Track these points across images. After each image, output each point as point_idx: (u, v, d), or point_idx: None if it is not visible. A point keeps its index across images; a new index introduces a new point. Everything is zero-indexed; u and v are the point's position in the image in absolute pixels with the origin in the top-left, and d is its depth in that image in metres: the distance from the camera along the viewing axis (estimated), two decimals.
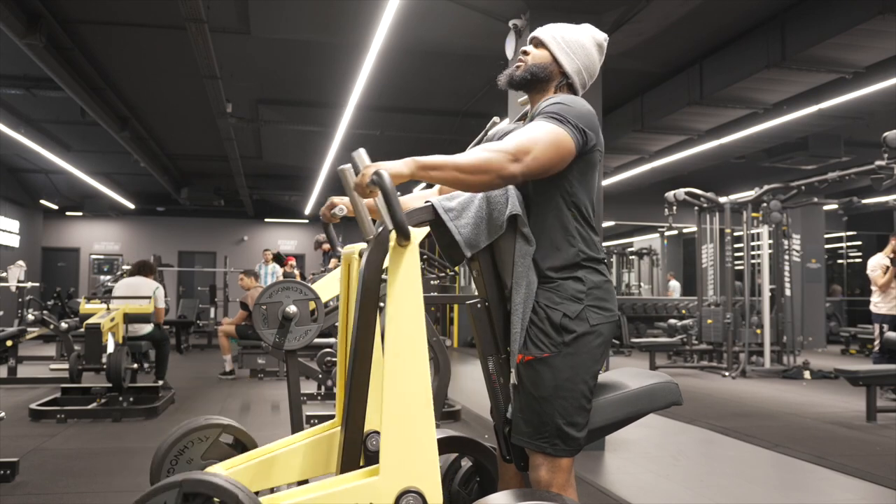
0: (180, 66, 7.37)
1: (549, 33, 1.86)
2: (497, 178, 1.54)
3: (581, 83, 1.88)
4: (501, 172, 1.53)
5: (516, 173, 1.55)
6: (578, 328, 1.67)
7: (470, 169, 1.51)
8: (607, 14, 4.92)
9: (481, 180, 1.53)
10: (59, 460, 3.90)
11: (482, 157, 1.52)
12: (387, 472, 1.42)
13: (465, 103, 8.28)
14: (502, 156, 1.54)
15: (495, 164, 1.53)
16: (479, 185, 1.55)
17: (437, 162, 1.49)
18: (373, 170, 1.43)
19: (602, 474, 3.78)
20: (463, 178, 1.51)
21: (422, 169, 1.49)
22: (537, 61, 1.85)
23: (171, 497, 1.19)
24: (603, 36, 1.91)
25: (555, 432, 1.64)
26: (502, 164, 1.53)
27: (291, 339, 2.76)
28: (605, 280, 1.75)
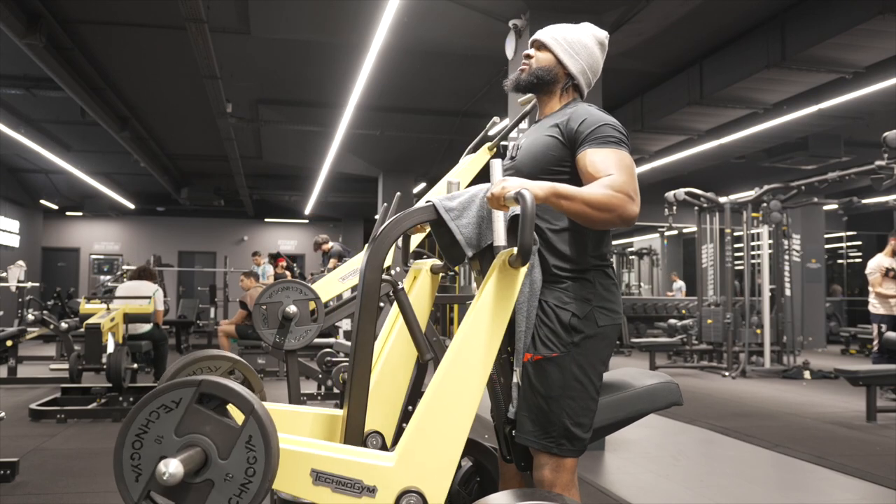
0: (180, 66, 7.37)
1: (550, 35, 1.87)
2: (618, 218, 1.56)
3: (586, 82, 1.89)
4: (623, 213, 1.56)
5: (636, 214, 1.59)
6: (587, 329, 1.68)
7: (598, 205, 1.54)
8: (607, 14, 4.92)
9: (605, 218, 1.56)
10: (59, 460, 3.90)
11: (608, 196, 1.55)
12: (401, 463, 1.40)
13: (465, 103, 8.28)
14: (624, 198, 1.56)
15: (619, 206, 1.55)
16: (601, 223, 1.58)
17: (570, 193, 1.53)
18: (512, 187, 1.45)
19: (602, 474, 3.78)
20: (590, 214, 1.54)
21: (556, 196, 1.52)
22: (542, 64, 1.86)
23: (188, 394, 1.19)
24: (604, 34, 1.91)
25: (562, 432, 1.65)
26: (626, 206, 1.56)
27: (291, 339, 2.75)
28: (613, 283, 1.77)
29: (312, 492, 1.35)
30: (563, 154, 1.75)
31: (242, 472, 1.18)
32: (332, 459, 1.37)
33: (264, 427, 1.19)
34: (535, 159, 1.79)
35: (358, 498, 1.36)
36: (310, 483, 1.35)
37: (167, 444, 1.18)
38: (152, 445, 1.18)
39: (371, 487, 1.37)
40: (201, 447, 1.18)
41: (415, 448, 1.41)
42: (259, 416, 1.19)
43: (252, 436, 1.19)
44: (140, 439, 1.18)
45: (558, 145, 1.75)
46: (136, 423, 1.19)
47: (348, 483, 1.36)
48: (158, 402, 1.19)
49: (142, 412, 1.19)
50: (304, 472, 1.35)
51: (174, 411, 1.19)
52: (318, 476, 1.35)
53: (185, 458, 1.14)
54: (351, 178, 12.85)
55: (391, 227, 1.60)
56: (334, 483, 1.36)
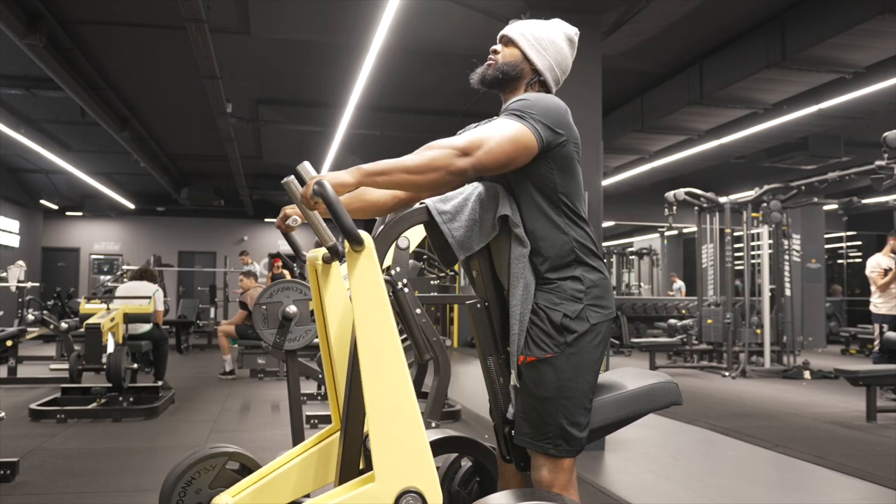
0: (180, 66, 7.37)
1: (518, 30, 1.85)
2: (446, 174, 1.53)
3: (554, 79, 1.86)
4: (449, 168, 1.53)
5: (465, 167, 1.55)
6: (579, 328, 1.67)
7: (417, 169, 1.51)
8: (607, 14, 4.91)
9: (430, 178, 1.53)
10: (59, 460, 3.90)
11: (428, 156, 1.53)
12: (382, 477, 1.43)
13: (465, 103, 8.28)
14: (449, 151, 1.54)
15: (442, 161, 1.53)
16: (428, 184, 1.55)
17: (382, 167, 1.49)
18: (316, 181, 1.42)
19: (602, 474, 3.78)
20: (412, 179, 1.51)
21: (367, 176, 1.48)
22: (507, 59, 1.84)
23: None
24: (573, 30, 1.89)
25: (558, 433, 1.64)
26: (449, 160, 1.53)
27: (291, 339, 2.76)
28: (603, 277, 1.75)
29: None
30: None
31: None
32: None
33: None
34: None
35: None
36: None
37: None
38: None
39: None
40: None
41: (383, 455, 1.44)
42: None
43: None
44: None
45: None
46: None
47: None
48: None
49: None
50: None
51: None
52: None
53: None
54: None
55: (390, 228, 1.61)
56: None
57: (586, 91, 4.28)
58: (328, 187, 1.40)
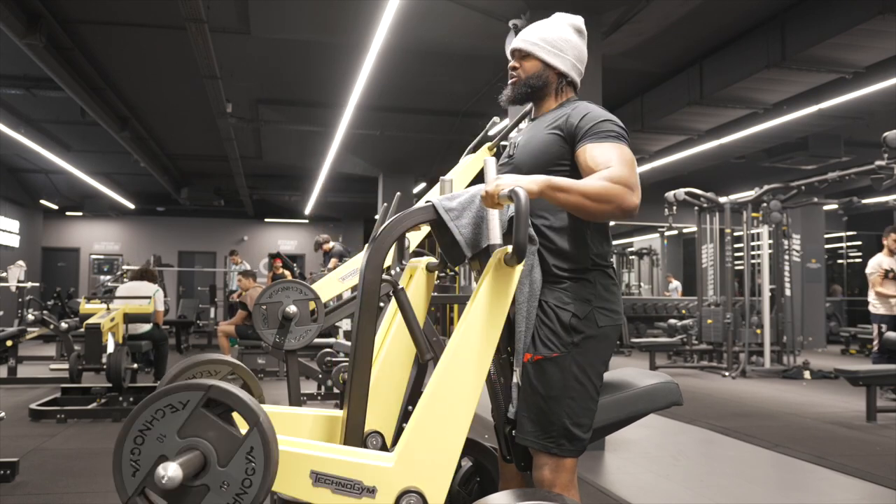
0: (180, 66, 7.37)
1: (530, 40, 1.86)
2: (618, 209, 1.55)
3: (578, 74, 1.89)
4: (623, 204, 1.55)
5: (635, 206, 1.57)
6: (587, 329, 1.68)
7: (596, 197, 1.53)
8: (607, 14, 4.91)
9: (604, 210, 1.55)
10: (59, 460, 3.90)
11: (606, 187, 1.54)
12: (401, 463, 1.40)
13: (465, 103, 8.28)
14: (623, 189, 1.55)
15: (618, 196, 1.55)
16: (600, 215, 1.57)
17: (566, 185, 1.52)
18: (506, 184, 1.45)
19: (602, 474, 3.78)
20: (587, 206, 1.54)
21: (551, 189, 1.51)
22: (530, 72, 1.85)
23: (196, 397, 1.19)
24: (579, 19, 1.90)
25: (562, 432, 1.64)
26: (625, 197, 1.55)
27: (291, 339, 2.75)
28: (613, 283, 1.77)
29: (312, 493, 1.35)
30: (564, 151, 1.75)
31: (239, 481, 1.18)
32: (331, 460, 1.37)
33: (267, 440, 1.19)
34: (534, 157, 1.79)
35: (358, 499, 1.36)
36: (310, 484, 1.35)
37: (169, 443, 1.18)
38: (154, 443, 1.19)
39: (371, 488, 1.37)
40: (202, 452, 1.18)
41: (414, 448, 1.41)
42: (263, 428, 1.19)
43: (254, 447, 1.19)
44: (143, 435, 1.19)
45: (558, 142, 1.75)
46: (140, 419, 1.19)
47: (348, 484, 1.36)
48: (166, 401, 1.19)
49: (148, 409, 1.19)
50: (303, 474, 1.35)
51: (180, 412, 1.19)
52: (318, 477, 1.35)
53: (185, 461, 1.14)
54: (351, 178, 12.85)
55: (391, 227, 1.60)
56: (334, 484, 1.36)
57: (586, 91, 4.25)
58: (524, 197, 1.39)
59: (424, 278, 2.09)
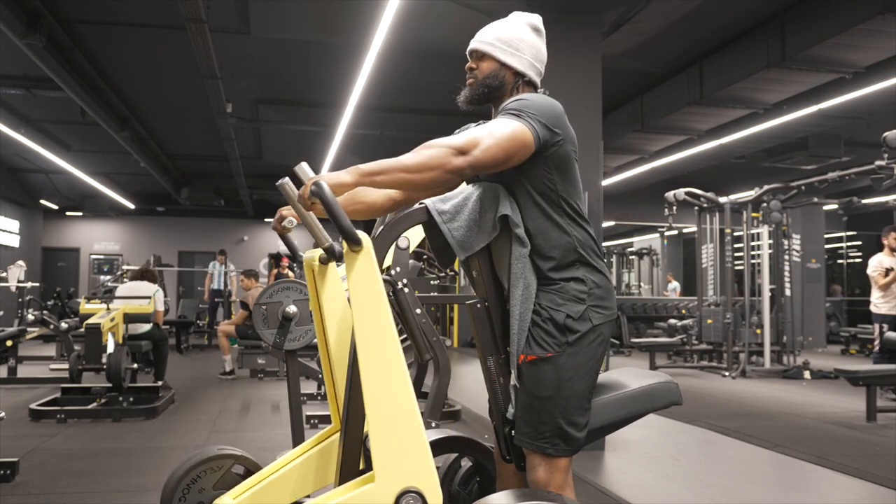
0: (180, 66, 7.37)
1: (486, 40, 1.84)
2: (443, 172, 1.53)
3: (537, 74, 1.85)
4: (446, 166, 1.53)
5: (463, 165, 1.55)
6: (582, 328, 1.67)
7: (414, 168, 1.50)
8: (607, 14, 4.91)
9: (428, 177, 1.52)
10: (59, 460, 3.90)
11: (425, 154, 1.52)
12: (382, 477, 1.43)
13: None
14: (446, 150, 1.54)
15: (439, 159, 1.52)
16: (426, 183, 1.54)
17: (380, 167, 1.49)
18: (313, 181, 1.42)
19: (602, 474, 3.78)
20: (410, 178, 1.51)
21: (365, 175, 1.48)
22: (486, 72, 1.83)
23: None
24: (536, 17, 1.87)
25: (556, 432, 1.64)
26: (447, 158, 1.53)
27: (291, 339, 2.76)
28: (605, 278, 1.75)
29: None
30: None
31: None
32: None
33: None
34: None
35: None
36: None
37: None
38: None
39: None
40: None
41: (383, 455, 1.44)
42: None
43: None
44: None
45: None
46: None
47: None
48: None
49: None
50: None
51: None
52: None
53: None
54: None
55: (390, 228, 1.61)
56: None
57: (586, 91, 4.29)
58: (325, 187, 1.39)
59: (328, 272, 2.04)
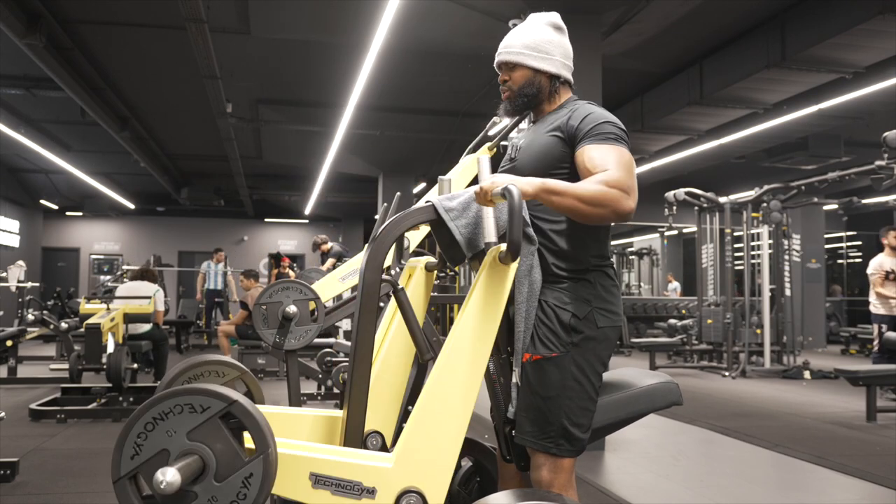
0: (180, 66, 7.36)
1: (513, 50, 1.85)
2: (612, 213, 1.55)
3: (569, 72, 1.88)
4: (618, 209, 1.55)
5: (630, 210, 1.57)
6: (586, 329, 1.68)
7: (590, 201, 1.53)
8: (607, 14, 4.91)
9: (599, 213, 1.55)
10: (59, 460, 3.90)
11: (601, 191, 1.54)
12: (400, 463, 1.40)
13: (465, 103, 8.27)
14: (619, 193, 1.55)
15: (613, 200, 1.54)
16: (595, 218, 1.57)
17: (560, 188, 1.52)
18: (501, 182, 1.45)
19: (602, 474, 3.78)
20: (582, 209, 1.53)
21: (546, 192, 1.51)
22: (521, 82, 1.84)
23: (217, 406, 1.20)
24: (554, 16, 1.88)
25: (560, 432, 1.64)
26: (620, 201, 1.55)
27: (291, 339, 2.75)
28: (613, 284, 1.77)
29: (312, 495, 1.35)
30: (564, 154, 1.74)
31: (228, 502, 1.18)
32: (331, 462, 1.37)
33: (268, 472, 1.20)
34: (536, 159, 1.78)
35: (358, 500, 1.36)
36: (309, 486, 1.35)
37: (176, 440, 1.20)
38: (162, 435, 1.20)
39: (370, 489, 1.37)
40: (203, 460, 1.19)
41: (413, 448, 1.41)
42: (269, 460, 1.20)
43: (253, 474, 1.19)
44: (154, 424, 1.20)
45: (559, 144, 1.75)
46: (157, 408, 1.20)
47: (348, 485, 1.37)
48: (187, 399, 1.20)
49: (168, 401, 1.20)
50: (303, 476, 1.35)
51: (196, 415, 1.20)
52: (318, 479, 1.36)
53: (184, 466, 1.14)
54: (351, 178, 12.84)
55: (391, 227, 1.60)
56: (334, 486, 1.36)
57: (586, 91, 4.25)
58: (517, 195, 1.39)
59: (423, 278, 2.09)
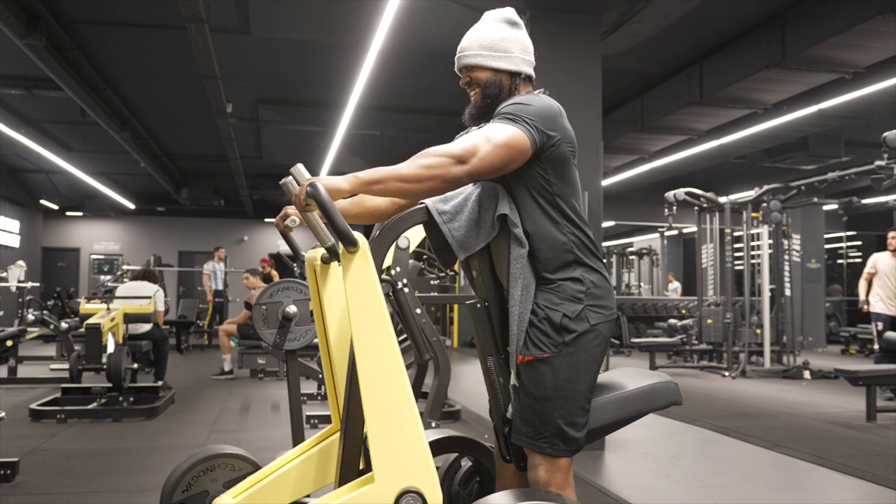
0: (180, 66, 7.37)
1: (471, 53, 1.83)
2: (441, 182, 1.55)
3: (529, 66, 1.84)
4: (445, 176, 1.54)
5: (461, 175, 1.56)
6: (579, 328, 1.67)
7: (413, 178, 1.52)
8: (607, 14, 4.90)
9: (426, 187, 1.54)
10: (59, 460, 3.90)
11: (424, 164, 1.54)
12: (381, 478, 1.43)
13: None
14: (445, 160, 1.55)
15: (438, 169, 1.54)
16: (424, 193, 1.57)
17: (377, 176, 1.50)
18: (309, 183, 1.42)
19: (602, 474, 3.78)
20: (408, 188, 1.53)
21: (363, 184, 1.49)
22: (483, 83, 1.82)
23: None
24: (508, 11, 1.86)
25: (555, 432, 1.64)
26: (445, 168, 1.54)
27: (291, 339, 2.76)
28: (603, 278, 1.74)
29: None
30: None
31: None
32: None
33: None
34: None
35: None
36: None
37: None
38: None
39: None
40: None
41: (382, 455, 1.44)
42: None
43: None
44: None
45: None
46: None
47: None
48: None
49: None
50: None
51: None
52: None
53: None
54: None
55: (389, 228, 1.61)
56: None
57: (586, 91, 4.29)
58: (321, 188, 1.40)
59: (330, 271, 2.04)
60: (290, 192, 1.60)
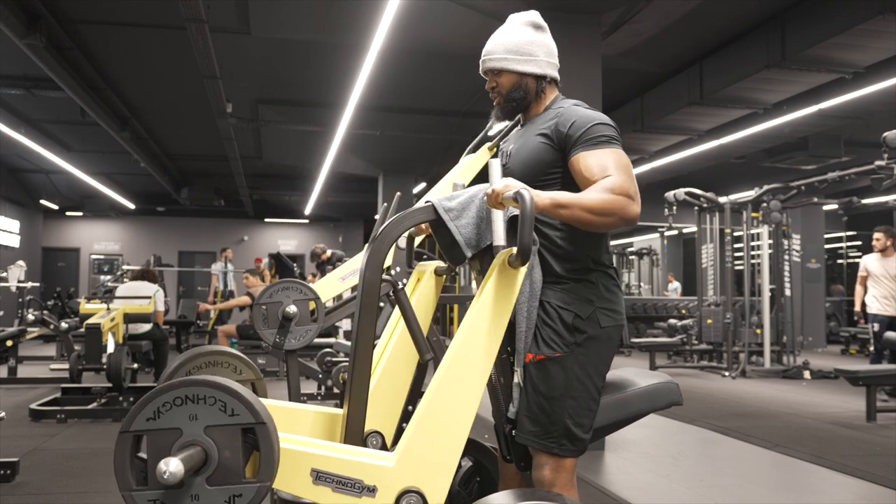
0: (180, 66, 7.36)
1: (497, 57, 1.84)
2: (620, 220, 1.58)
3: (554, 69, 1.87)
4: (625, 215, 1.57)
5: (637, 214, 1.60)
6: (590, 329, 1.69)
7: (598, 210, 1.55)
8: (607, 14, 4.90)
9: (607, 222, 1.57)
10: (59, 460, 3.90)
11: (607, 200, 1.56)
12: (401, 463, 1.40)
13: (465, 103, 8.27)
14: (624, 199, 1.57)
15: (620, 208, 1.57)
16: (603, 227, 1.60)
17: (567, 201, 1.54)
18: (514, 186, 1.47)
19: (602, 474, 3.78)
20: (590, 219, 1.56)
21: (555, 206, 1.54)
22: (508, 87, 1.83)
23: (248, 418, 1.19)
24: (533, 14, 1.88)
25: (563, 432, 1.65)
26: (626, 207, 1.57)
27: (291, 339, 2.75)
28: (615, 283, 1.78)
29: (313, 491, 1.35)
30: (555, 158, 1.74)
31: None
32: (332, 459, 1.37)
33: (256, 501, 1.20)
34: (527, 165, 1.79)
35: (358, 498, 1.36)
36: (310, 483, 1.35)
37: (192, 427, 1.19)
38: (184, 415, 1.19)
39: (371, 487, 1.37)
40: (206, 457, 1.18)
41: (415, 448, 1.41)
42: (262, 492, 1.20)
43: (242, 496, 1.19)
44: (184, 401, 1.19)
45: (549, 150, 1.75)
46: (193, 390, 1.19)
47: (348, 483, 1.37)
48: (225, 397, 1.20)
49: (206, 389, 1.19)
50: (304, 472, 1.35)
51: (224, 415, 1.20)
52: (319, 476, 1.36)
53: (187, 457, 1.14)
54: (351, 178, 12.85)
55: (391, 227, 1.61)
56: (334, 483, 1.36)
57: (586, 91, 4.28)
58: (529, 199, 1.40)
59: (433, 282, 2.09)
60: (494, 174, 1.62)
